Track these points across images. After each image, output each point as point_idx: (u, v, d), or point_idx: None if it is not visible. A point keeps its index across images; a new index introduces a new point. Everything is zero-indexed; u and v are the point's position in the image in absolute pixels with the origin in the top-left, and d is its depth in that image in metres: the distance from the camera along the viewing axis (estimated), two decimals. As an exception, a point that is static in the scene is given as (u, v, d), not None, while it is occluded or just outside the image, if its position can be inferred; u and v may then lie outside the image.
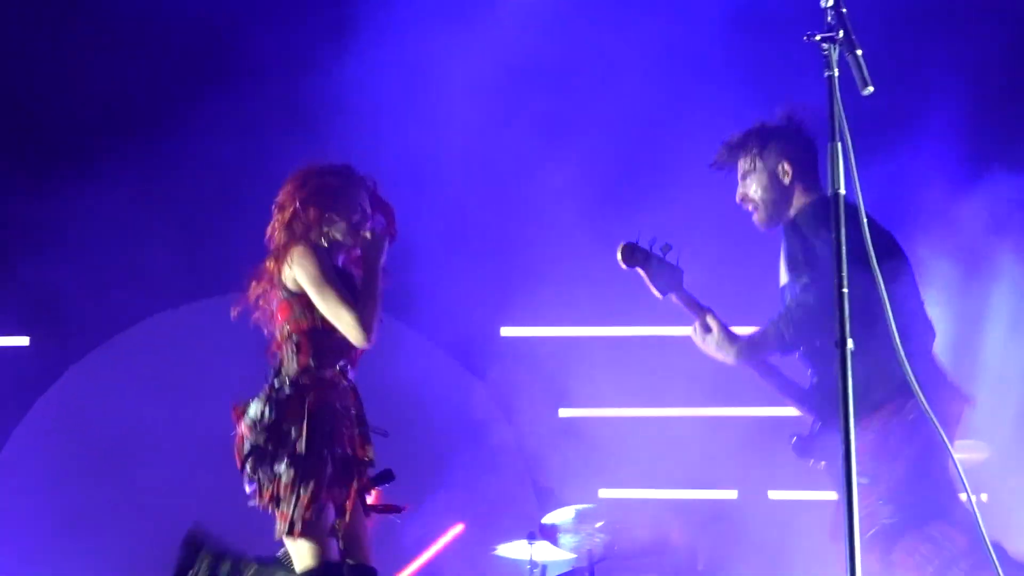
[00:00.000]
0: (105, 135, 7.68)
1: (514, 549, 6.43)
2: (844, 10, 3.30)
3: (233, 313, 4.63)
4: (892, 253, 4.54)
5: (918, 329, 4.49)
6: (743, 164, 4.77)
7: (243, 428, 4.34)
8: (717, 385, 6.69)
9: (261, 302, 4.55)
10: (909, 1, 7.15)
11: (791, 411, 4.90)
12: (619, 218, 6.10)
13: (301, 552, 4.29)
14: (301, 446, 4.26)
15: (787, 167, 4.71)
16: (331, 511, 4.34)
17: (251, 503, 4.36)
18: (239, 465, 4.35)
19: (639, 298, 4.87)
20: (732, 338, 4.67)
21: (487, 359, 7.72)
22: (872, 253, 3.32)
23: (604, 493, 7.44)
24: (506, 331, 7.81)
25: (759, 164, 4.74)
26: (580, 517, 6.01)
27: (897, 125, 6.80)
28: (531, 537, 6.26)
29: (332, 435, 4.35)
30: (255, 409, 4.34)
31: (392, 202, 4.75)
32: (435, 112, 7.12)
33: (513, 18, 7.00)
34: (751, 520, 6.84)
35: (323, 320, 4.41)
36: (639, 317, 7.16)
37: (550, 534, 6.14)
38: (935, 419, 3.56)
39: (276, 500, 4.26)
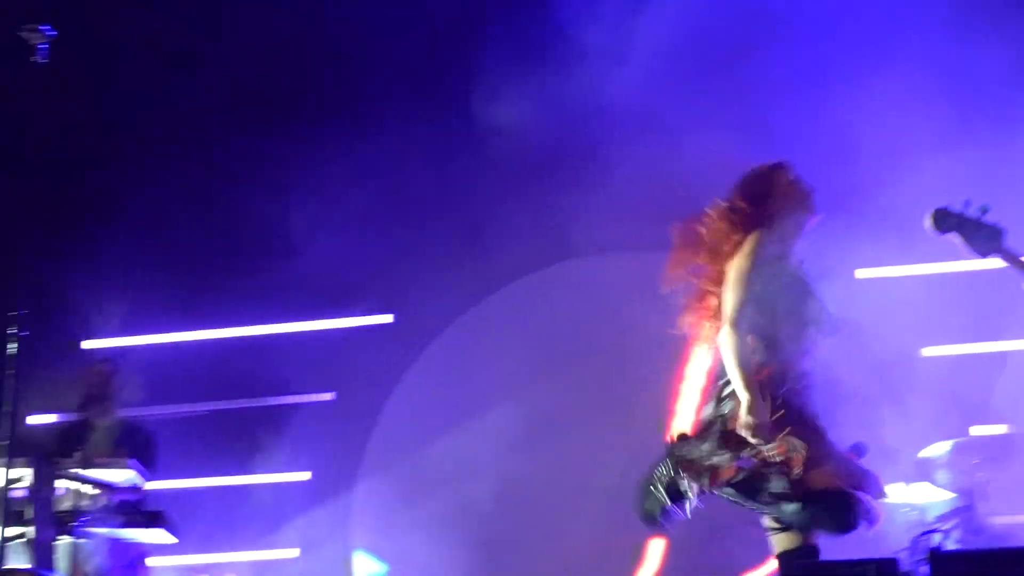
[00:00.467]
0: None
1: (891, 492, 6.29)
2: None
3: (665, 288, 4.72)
4: None
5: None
6: None
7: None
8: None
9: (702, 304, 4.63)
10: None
11: None
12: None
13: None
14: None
15: None
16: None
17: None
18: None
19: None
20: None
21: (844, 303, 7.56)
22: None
23: (976, 431, 7.19)
24: (861, 272, 7.62)
25: None
26: (957, 450, 5.81)
27: None
28: (908, 479, 6.10)
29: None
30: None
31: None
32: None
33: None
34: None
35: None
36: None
37: (926, 470, 5.96)
38: None
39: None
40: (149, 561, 6.84)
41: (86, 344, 8.19)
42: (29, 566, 5.43)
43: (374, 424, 8.14)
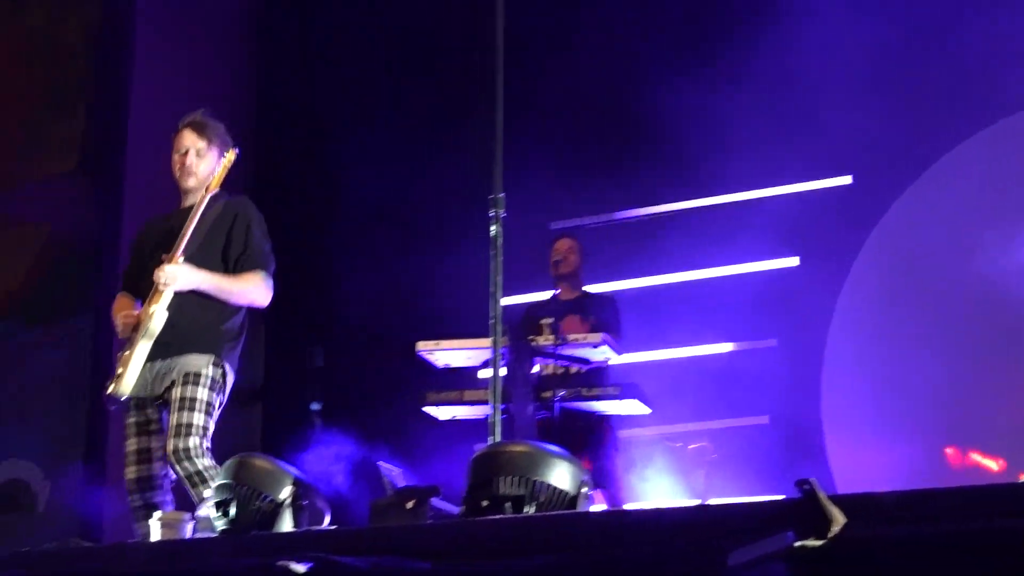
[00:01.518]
0: None
1: None
2: None
3: None
4: None
5: None
6: None
7: None
8: None
9: None
10: None
11: None
12: None
13: None
14: None
15: None
16: None
17: None
18: None
19: None
20: None
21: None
22: None
23: None
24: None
25: None
26: None
27: None
28: None
29: None
30: None
31: None
32: None
33: None
34: None
35: None
36: None
37: None
38: None
39: None
40: (622, 433, 7.02)
41: (553, 225, 8.44)
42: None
43: (838, 289, 8.03)
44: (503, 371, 5.74)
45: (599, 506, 5.00)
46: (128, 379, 5.36)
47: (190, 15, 9.71)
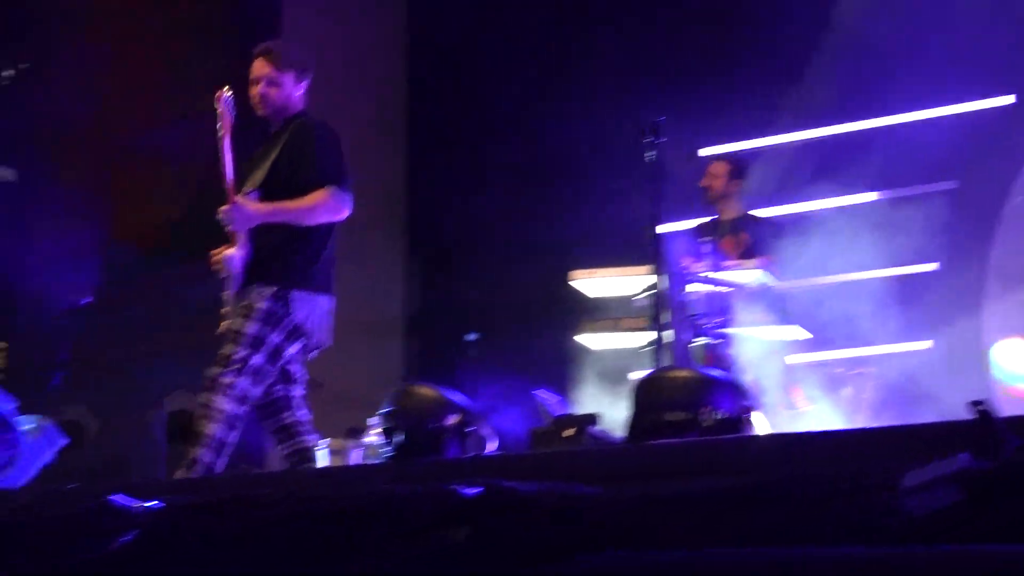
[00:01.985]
0: None
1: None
2: None
3: None
4: None
5: None
6: None
7: None
8: None
9: None
10: None
11: None
12: None
13: None
14: None
15: None
16: None
17: None
18: None
19: None
20: None
21: None
22: None
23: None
24: None
25: None
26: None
27: None
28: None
29: None
30: None
31: None
32: None
33: None
34: None
35: None
36: None
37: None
38: None
39: None
40: (787, 359, 6.96)
41: (703, 151, 8.35)
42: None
43: (999, 209, 7.84)
44: (660, 298, 5.72)
45: (763, 429, 4.98)
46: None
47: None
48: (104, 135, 9.71)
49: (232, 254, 5.40)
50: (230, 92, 5.57)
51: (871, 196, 8.11)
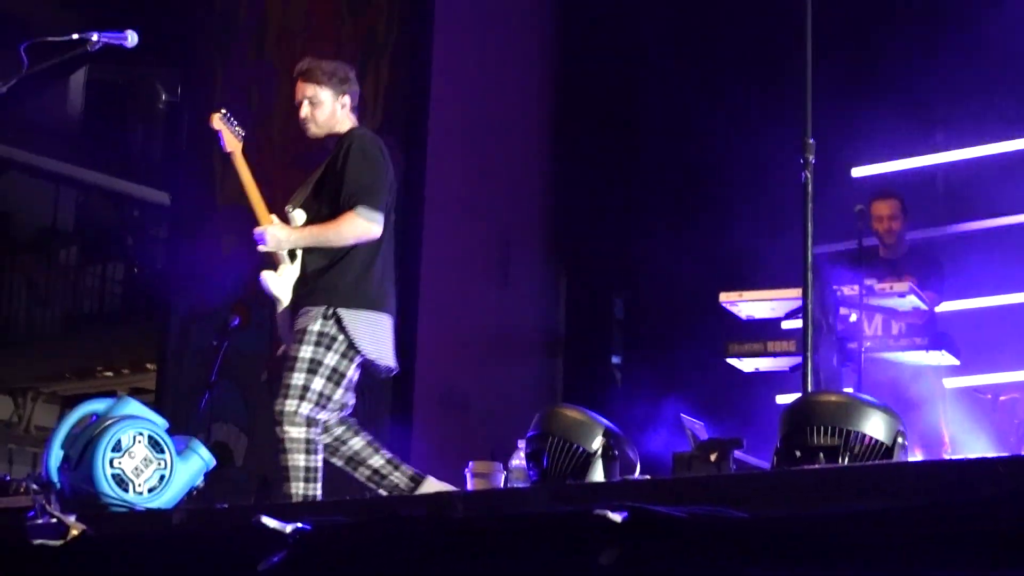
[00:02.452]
0: None
1: None
2: None
3: None
4: None
5: None
6: None
7: None
8: None
9: None
10: None
11: None
12: None
13: None
14: None
15: None
16: None
17: None
18: None
19: None
20: None
21: None
22: None
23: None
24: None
25: None
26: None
27: None
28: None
29: None
30: None
31: None
32: None
33: None
34: None
35: None
36: None
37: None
38: None
39: None
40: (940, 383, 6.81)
41: (856, 171, 8.22)
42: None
43: None
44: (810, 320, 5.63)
45: (915, 456, 4.89)
46: (285, 340, 5.43)
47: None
48: (265, 155, 9.91)
49: (269, 276, 5.37)
50: (224, 112, 5.57)
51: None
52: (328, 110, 5.52)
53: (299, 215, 5.44)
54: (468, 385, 8.85)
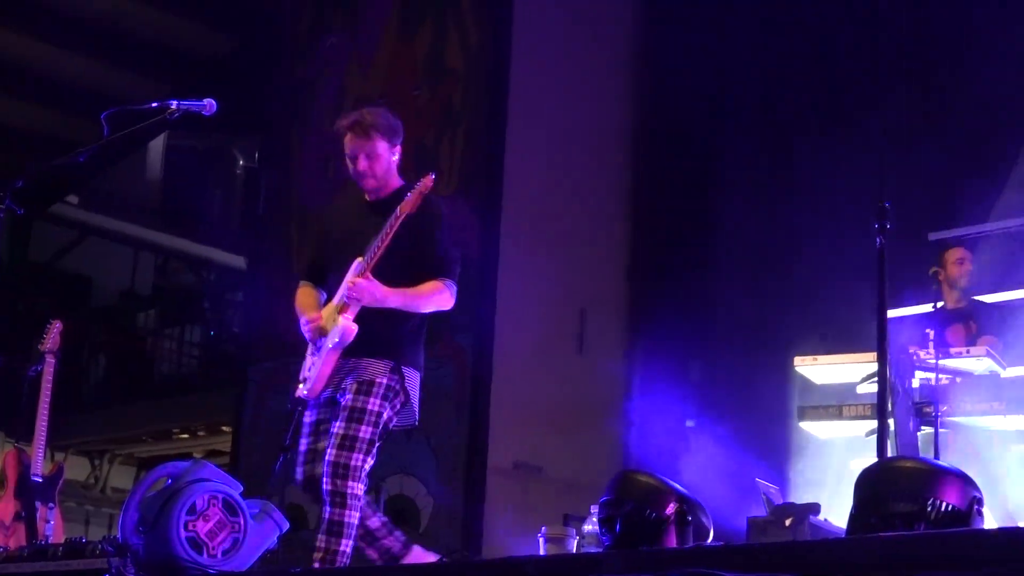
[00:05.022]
0: None
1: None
2: None
3: None
4: None
5: None
6: None
7: None
8: None
9: None
10: None
11: None
12: None
13: None
14: None
15: None
16: None
17: None
18: None
19: None
20: None
21: None
22: None
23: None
24: None
25: None
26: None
27: None
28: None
29: None
30: None
31: None
32: None
33: None
34: None
35: None
36: None
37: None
38: None
39: None
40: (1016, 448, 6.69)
41: (933, 235, 8.15)
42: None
43: None
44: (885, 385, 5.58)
45: (992, 523, 4.82)
46: (316, 384, 5.38)
47: (568, 39, 9.93)
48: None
49: (351, 326, 5.27)
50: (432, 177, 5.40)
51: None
52: (385, 163, 5.53)
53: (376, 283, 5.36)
54: (542, 451, 8.86)
